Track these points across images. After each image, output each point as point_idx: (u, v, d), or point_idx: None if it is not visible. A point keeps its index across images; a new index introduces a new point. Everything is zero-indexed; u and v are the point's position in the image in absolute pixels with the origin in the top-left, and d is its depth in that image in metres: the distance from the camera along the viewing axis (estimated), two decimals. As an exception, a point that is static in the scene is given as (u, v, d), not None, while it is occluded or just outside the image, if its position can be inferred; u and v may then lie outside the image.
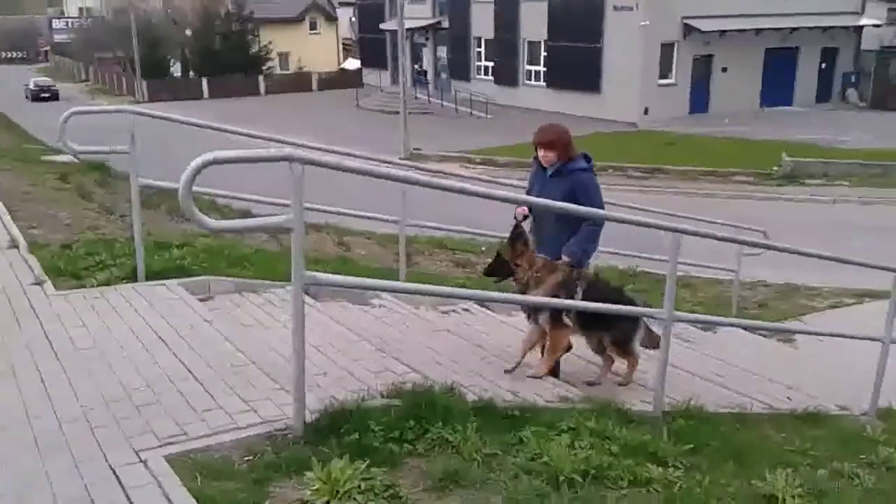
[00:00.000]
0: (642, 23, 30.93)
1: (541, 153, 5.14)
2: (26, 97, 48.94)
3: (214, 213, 9.90)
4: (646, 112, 31.90)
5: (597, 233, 5.09)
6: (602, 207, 4.99)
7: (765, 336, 8.57)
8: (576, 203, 4.82)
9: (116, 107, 5.55)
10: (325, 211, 7.10)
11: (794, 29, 33.59)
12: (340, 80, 53.50)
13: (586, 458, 3.60)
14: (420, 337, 5.72)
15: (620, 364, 5.36)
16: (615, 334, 5.12)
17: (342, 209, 7.28)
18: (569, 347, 5.37)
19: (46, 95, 49.14)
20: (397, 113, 28.76)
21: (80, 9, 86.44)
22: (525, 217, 5.16)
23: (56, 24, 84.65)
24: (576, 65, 33.53)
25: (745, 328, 8.35)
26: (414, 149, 27.61)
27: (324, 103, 45.27)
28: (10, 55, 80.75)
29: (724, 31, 32.21)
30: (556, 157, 5.07)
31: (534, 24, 36.42)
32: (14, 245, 6.84)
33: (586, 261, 5.15)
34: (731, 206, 19.11)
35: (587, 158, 5.14)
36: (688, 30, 32.18)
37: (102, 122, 5.95)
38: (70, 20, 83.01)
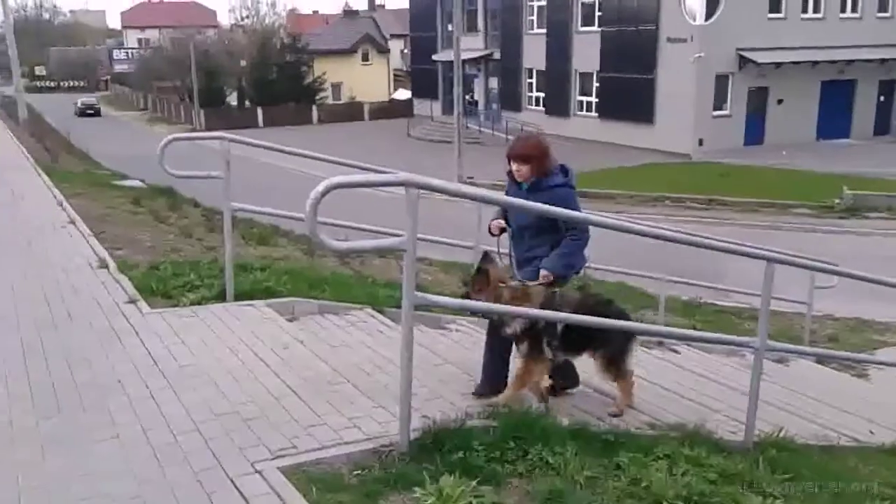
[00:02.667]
0: (697, 54, 30.86)
1: (514, 167, 4.62)
2: (75, 113, 59.52)
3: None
4: (700, 143, 31.71)
5: (580, 247, 4.63)
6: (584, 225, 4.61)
7: (838, 370, 8.44)
8: (554, 222, 4.51)
9: (213, 133, 5.78)
10: (392, 234, 7.25)
11: (850, 61, 33.17)
12: (391, 110, 54.25)
13: (687, 485, 3.62)
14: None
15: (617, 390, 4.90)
16: (607, 352, 4.65)
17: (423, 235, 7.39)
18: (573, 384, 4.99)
19: (90, 112, 61.77)
20: (447, 142, 29.06)
21: (139, 40, 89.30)
22: (502, 231, 4.77)
23: (116, 54, 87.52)
24: (629, 96, 33.53)
25: (844, 360, 8.17)
26: (467, 177, 27.81)
27: (375, 132, 45.93)
28: (71, 84, 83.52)
29: (779, 64, 31.96)
30: (531, 171, 4.58)
31: (586, 55, 36.58)
32: (104, 265, 7.11)
33: (571, 273, 4.77)
34: (791, 238, 18.83)
35: (565, 171, 4.70)
36: (743, 62, 32.00)
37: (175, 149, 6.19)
38: (130, 51, 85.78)
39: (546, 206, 4.14)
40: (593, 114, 37.25)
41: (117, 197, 12.69)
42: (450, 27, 38.49)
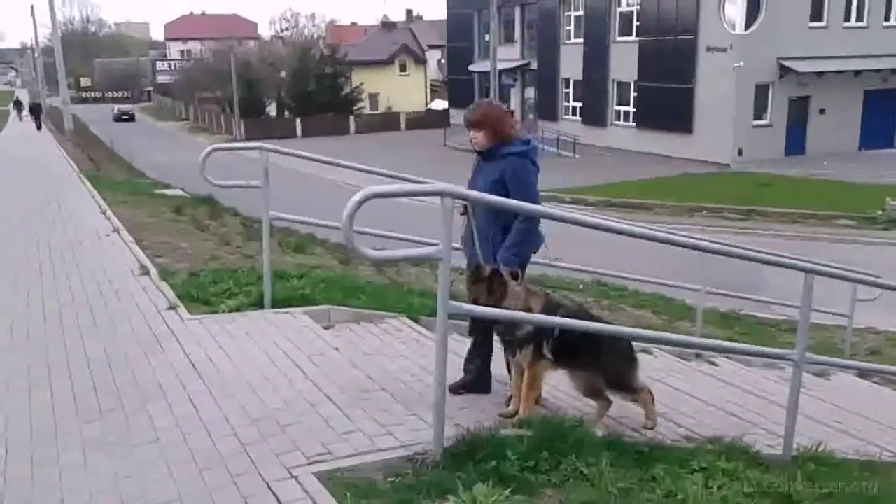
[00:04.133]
0: (736, 64, 30.55)
1: (470, 134, 4.42)
2: (112, 119, 67.13)
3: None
4: (740, 153, 31.34)
5: (530, 231, 4.33)
6: (536, 200, 4.27)
7: (880, 384, 8.27)
8: (505, 193, 4.16)
9: (253, 143, 5.88)
10: (427, 243, 7.29)
11: (894, 70, 32.56)
12: (427, 120, 54.49)
13: (723, 499, 3.58)
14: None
15: (636, 405, 4.71)
16: (610, 373, 4.45)
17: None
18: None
19: (126, 117, 69.06)
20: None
21: (182, 51, 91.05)
22: (464, 212, 4.49)
23: (159, 65, 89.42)
24: (667, 105, 33.30)
25: (886, 373, 7.99)
26: (503, 187, 27.82)
27: (412, 142, 46.18)
28: (115, 94, 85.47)
29: (821, 73, 31.50)
30: (486, 138, 4.34)
31: (624, 64, 36.45)
32: (145, 272, 7.26)
33: (524, 261, 4.48)
34: (834, 249, 18.50)
35: (526, 142, 4.42)
36: (784, 71, 31.60)
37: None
38: (172, 62, 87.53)
39: (491, 198, 3.87)
40: (631, 123, 37.06)
41: (159, 205, 12.95)
42: (487, 37, 38.64)
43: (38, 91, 57.63)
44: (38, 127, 41.50)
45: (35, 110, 44.23)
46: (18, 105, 58.36)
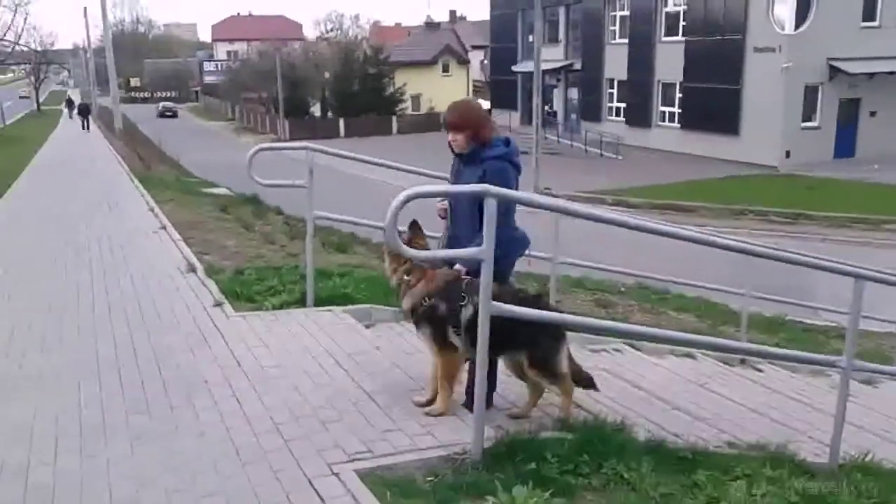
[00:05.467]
0: (785, 64, 30.00)
1: (449, 137, 4.25)
2: (156, 115, 72.02)
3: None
4: (787, 155, 30.77)
5: (505, 235, 3.90)
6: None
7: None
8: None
9: (298, 144, 5.95)
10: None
11: (950, 71, 31.69)
12: (470, 121, 54.33)
13: (766, 506, 3.53)
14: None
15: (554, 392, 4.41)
16: (533, 354, 4.13)
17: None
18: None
19: (169, 114, 73.88)
20: (525, 153, 28.93)
21: (229, 52, 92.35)
22: (444, 216, 4.33)
23: (206, 66, 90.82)
24: (713, 106, 32.81)
25: None
26: (545, 188, 27.70)
27: (454, 143, 46.18)
28: (163, 94, 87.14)
29: (872, 74, 30.76)
30: (465, 140, 4.17)
31: (669, 65, 36.03)
32: (192, 269, 7.40)
33: (509, 266, 4.22)
34: (883, 255, 18.07)
35: (507, 143, 4.23)
36: (834, 72, 30.93)
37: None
38: (219, 63, 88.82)
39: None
40: (676, 124, 36.62)
41: (205, 204, 13.17)
42: (530, 38, 38.48)
43: (89, 90, 59.02)
44: (86, 128, 41.98)
45: (83, 111, 44.52)
46: (70, 104, 59.97)
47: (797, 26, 29.92)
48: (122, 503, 3.32)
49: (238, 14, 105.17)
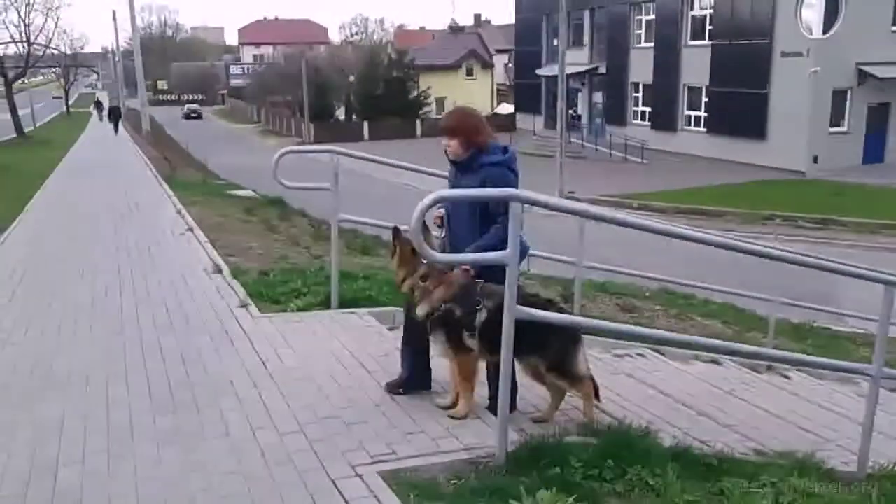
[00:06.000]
0: (813, 69, 29.66)
1: (444, 143, 4.19)
2: (182, 117, 73.02)
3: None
4: (815, 160, 30.39)
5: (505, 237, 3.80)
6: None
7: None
8: (484, 205, 4.00)
9: (324, 147, 5.99)
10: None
11: (983, 76, 31.14)
12: (493, 125, 54.18)
13: (793, 515, 3.49)
14: (598, 378, 5.71)
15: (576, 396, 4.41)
16: (550, 357, 4.11)
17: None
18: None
19: (194, 116, 75.65)
20: (549, 156, 28.97)
21: (255, 55, 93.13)
22: (441, 224, 4.31)
23: (233, 69, 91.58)
24: (740, 111, 32.50)
25: None
26: (568, 192, 27.60)
27: (478, 146, 46.17)
28: (190, 97, 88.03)
29: (903, 78, 30.33)
30: (461, 146, 4.13)
31: (695, 69, 35.76)
32: (218, 270, 7.47)
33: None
34: (913, 262, 17.81)
35: (505, 150, 4.19)
36: (862, 77, 30.52)
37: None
38: (245, 66, 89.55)
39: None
40: (701, 129, 36.33)
41: (231, 206, 13.29)
42: (555, 42, 38.42)
43: (117, 92, 59.76)
44: (116, 131, 42.36)
45: (114, 113, 44.71)
46: (99, 106, 60.80)
47: (825, 30, 29.53)
48: (148, 503, 3.35)
49: (265, 18, 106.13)
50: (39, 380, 4.90)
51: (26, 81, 56.92)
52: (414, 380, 4.50)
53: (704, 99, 36.06)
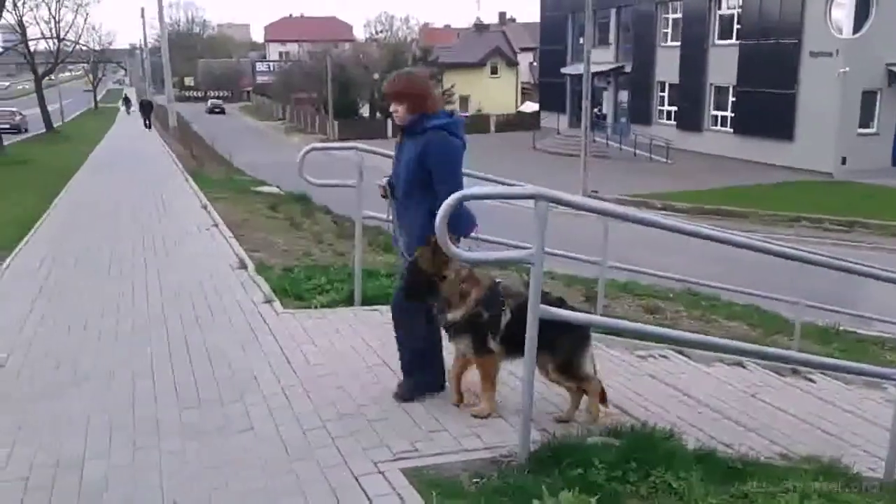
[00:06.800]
0: (842, 70, 29.29)
1: (391, 108, 4.06)
2: (206, 112, 75.25)
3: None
4: (843, 162, 30.01)
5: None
6: (459, 178, 3.92)
7: None
8: (426, 171, 3.90)
9: (349, 144, 6.02)
10: (517, 246, 7.26)
11: None
12: (517, 123, 54.26)
13: (818, 520, 3.45)
14: (621, 379, 5.70)
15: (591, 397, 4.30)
16: (557, 357, 4.04)
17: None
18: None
19: (217, 111, 78.23)
20: (573, 155, 28.87)
21: (281, 53, 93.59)
22: (385, 195, 4.22)
23: (259, 66, 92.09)
24: (767, 111, 32.16)
25: None
26: (592, 191, 27.49)
27: (501, 144, 46.05)
28: (216, 94, 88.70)
29: (934, 80, 29.89)
30: (406, 111, 3.98)
31: (722, 69, 35.44)
32: (243, 266, 7.53)
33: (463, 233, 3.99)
34: (943, 266, 17.52)
35: (449, 114, 4.07)
36: (893, 77, 30.11)
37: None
38: (271, 63, 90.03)
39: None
40: (728, 129, 36.00)
41: (256, 202, 13.40)
42: (580, 40, 38.25)
43: (144, 88, 60.38)
44: (148, 126, 42.72)
45: (145, 108, 44.89)
46: (127, 102, 61.53)
47: (855, 30, 29.16)
48: (172, 496, 3.39)
49: (290, 15, 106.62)
50: (67, 375, 4.96)
51: (54, 77, 57.60)
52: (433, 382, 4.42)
53: (731, 99, 35.72)
